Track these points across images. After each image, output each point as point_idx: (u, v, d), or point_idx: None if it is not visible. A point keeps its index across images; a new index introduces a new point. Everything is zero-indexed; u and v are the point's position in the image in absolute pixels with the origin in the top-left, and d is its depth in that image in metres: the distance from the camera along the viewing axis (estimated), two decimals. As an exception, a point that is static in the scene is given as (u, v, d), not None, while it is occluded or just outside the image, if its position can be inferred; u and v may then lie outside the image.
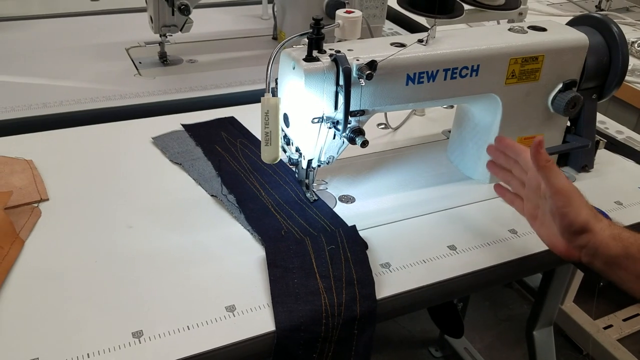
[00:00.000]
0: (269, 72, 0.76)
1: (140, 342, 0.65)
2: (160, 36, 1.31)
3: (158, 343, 0.65)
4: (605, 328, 1.82)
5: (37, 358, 0.63)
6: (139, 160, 0.99)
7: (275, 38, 1.51)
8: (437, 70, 0.84)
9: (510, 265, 0.82)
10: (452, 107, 1.20)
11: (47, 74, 1.26)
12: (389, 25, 1.70)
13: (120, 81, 1.25)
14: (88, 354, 0.64)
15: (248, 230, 0.84)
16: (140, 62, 1.35)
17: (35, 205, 0.87)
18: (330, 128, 0.82)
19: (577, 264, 1.07)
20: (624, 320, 1.88)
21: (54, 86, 1.21)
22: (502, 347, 1.85)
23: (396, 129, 1.15)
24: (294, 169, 0.92)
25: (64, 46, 1.41)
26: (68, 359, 0.63)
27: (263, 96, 0.76)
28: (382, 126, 1.15)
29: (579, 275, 1.75)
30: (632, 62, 1.61)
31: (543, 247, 0.84)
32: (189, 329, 0.67)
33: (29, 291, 0.72)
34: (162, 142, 1.03)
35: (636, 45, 1.66)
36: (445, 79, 0.85)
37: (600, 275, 0.73)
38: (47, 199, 0.88)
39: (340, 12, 0.88)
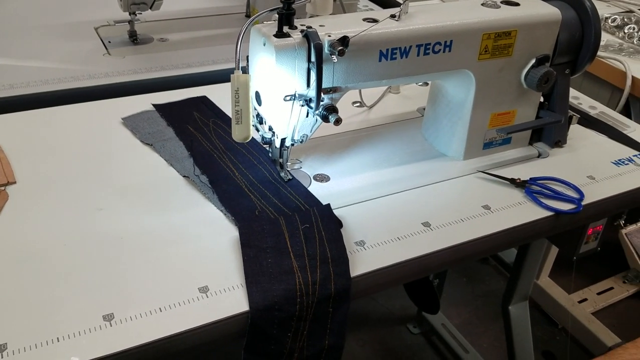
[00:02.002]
0: (238, 49, 0.74)
1: (111, 325, 0.64)
2: (130, 14, 1.29)
3: (130, 325, 0.65)
4: (580, 302, 1.85)
5: (6, 343, 0.61)
6: (108, 142, 0.97)
7: (248, 15, 1.49)
8: (410, 46, 0.83)
9: (484, 240, 0.82)
10: (426, 84, 1.20)
11: (13, 54, 1.23)
12: (363, 3, 1.68)
13: (89, 61, 1.22)
14: (58, 338, 0.62)
15: (221, 211, 0.83)
16: (109, 42, 1.32)
17: (2, 188, 0.84)
18: (303, 106, 0.81)
19: (550, 238, 1.09)
20: (598, 293, 1.91)
21: (20, 67, 1.18)
22: (479, 322, 1.88)
23: (371, 107, 1.14)
24: (267, 148, 0.91)
25: (31, 25, 1.37)
26: (37, 344, 0.62)
27: (233, 73, 0.75)
28: (357, 104, 1.14)
29: (554, 250, 1.77)
30: (606, 37, 1.62)
31: (516, 222, 0.85)
32: (161, 310, 0.66)
33: (-4, 276, 0.70)
34: (132, 123, 1.01)
35: (609, 21, 1.67)
36: (418, 55, 0.84)
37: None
38: (15, 182, 0.86)
39: (311, -12, 0.86)
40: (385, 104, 1.15)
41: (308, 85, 0.79)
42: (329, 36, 0.76)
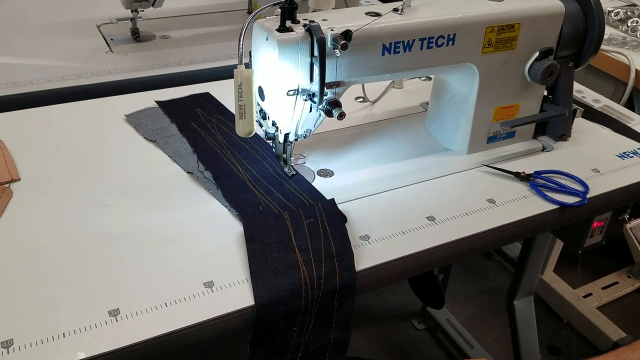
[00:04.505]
0: (241, 43, 0.74)
1: (117, 320, 0.64)
2: (132, 12, 1.29)
3: (135, 321, 0.65)
4: (585, 296, 1.85)
5: (12, 339, 0.62)
6: (112, 138, 0.98)
7: (250, 12, 1.49)
8: (413, 40, 0.83)
9: (488, 234, 0.82)
10: (429, 78, 1.19)
11: (16, 52, 1.23)
12: (366, -2, 1.67)
13: (91, 58, 1.22)
14: (64, 334, 0.62)
15: (225, 207, 0.83)
16: (112, 39, 1.32)
17: (7, 185, 0.85)
18: (306, 100, 0.81)
19: (555, 232, 1.08)
20: (603, 288, 1.90)
21: (23, 65, 1.18)
22: (484, 318, 1.87)
23: (374, 102, 1.14)
24: (271, 143, 0.91)
25: (34, 24, 1.37)
26: (44, 339, 0.62)
27: (236, 68, 0.75)
28: (360, 100, 1.14)
29: (559, 245, 1.77)
30: (609, 31, 1.61)
31: (521, 216, 0.85)
32: (166, 305, 0.66)
33: (3, 272, 0.70)
34: (135, 119, 1.01)
35: (612, 14, 1.66)
36: (421, 48, 0.84)
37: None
38: (19, 179, 0.86)
39: (313, -18, 0.86)
40: (389, 99, 1.15)
41: (311, 79, 0.78)
42: (332, 30, 0.76)
